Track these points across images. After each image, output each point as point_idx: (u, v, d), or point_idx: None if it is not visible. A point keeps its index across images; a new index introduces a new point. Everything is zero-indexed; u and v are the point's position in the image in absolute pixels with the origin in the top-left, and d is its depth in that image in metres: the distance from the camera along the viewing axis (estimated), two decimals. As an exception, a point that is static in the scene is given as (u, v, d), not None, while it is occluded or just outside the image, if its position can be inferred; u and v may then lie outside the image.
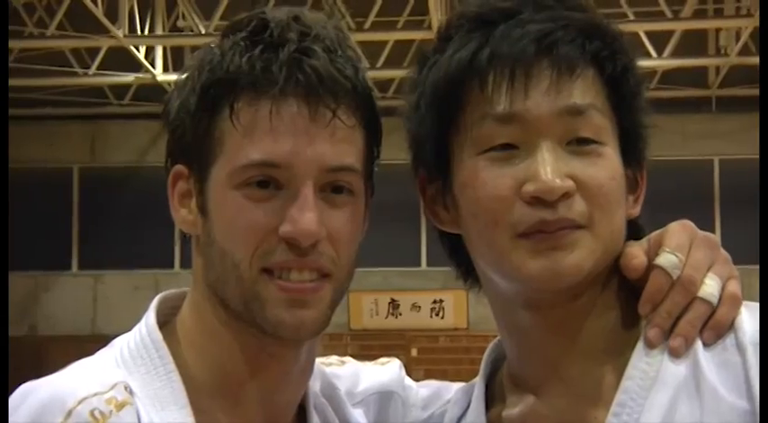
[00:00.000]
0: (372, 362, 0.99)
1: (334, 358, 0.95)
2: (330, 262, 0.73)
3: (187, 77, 0.76)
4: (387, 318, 9.91)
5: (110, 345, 0.79)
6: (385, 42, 9.13)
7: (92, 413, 0.66)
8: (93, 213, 10.70)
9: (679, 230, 0.73)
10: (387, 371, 0.96)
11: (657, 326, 0.69)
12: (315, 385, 0.86)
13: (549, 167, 0.66)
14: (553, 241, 0.68)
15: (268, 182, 0.72)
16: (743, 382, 0.65)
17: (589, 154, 0.69)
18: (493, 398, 0.82)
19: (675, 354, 0.69)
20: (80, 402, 0.67)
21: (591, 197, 0.69)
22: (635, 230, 0.76)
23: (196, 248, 0.78)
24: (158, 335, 0.76)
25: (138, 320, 0.80)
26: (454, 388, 0.90)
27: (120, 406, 0.69)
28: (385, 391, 0.92)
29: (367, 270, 8.57)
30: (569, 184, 0.67)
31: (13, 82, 7.15)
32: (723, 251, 0.74)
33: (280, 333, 0.73)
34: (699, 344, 0.69)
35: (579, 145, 0.69)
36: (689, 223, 0.75)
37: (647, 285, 0.70)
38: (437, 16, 7.20)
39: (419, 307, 9.90)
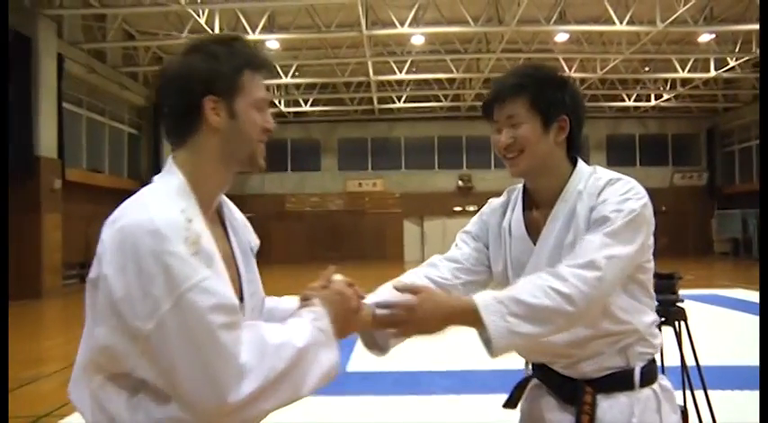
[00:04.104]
0: None
1: None
2: None
3: (203, 60, 1.29)
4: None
5: (162, 183, 1.29)
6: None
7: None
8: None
9: None
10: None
11: None
12: None
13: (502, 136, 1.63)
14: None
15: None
16: None
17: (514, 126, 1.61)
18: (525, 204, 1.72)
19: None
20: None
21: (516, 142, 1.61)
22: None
23: (210, 136, 1.31)
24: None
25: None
26: None
27: (190, 221, 1.18)
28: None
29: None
30: (508, 140, 1.61)
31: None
32: None
33: (257, 169, 1.38)
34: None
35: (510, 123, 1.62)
36: None
37: None
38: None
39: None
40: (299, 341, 1.20)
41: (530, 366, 1.75)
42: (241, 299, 1.34)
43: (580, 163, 1.66)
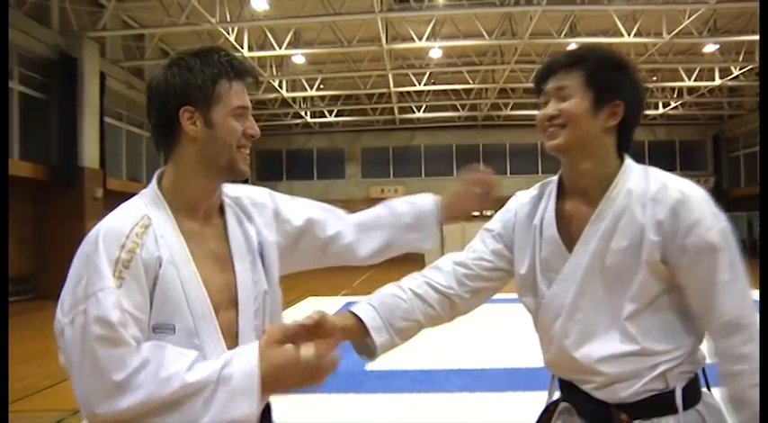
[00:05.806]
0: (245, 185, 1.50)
1: None
2: None
3: (178, 73, 1.28)
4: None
5: (139, 195, 1.31)
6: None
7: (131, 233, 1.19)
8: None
9: None
10: (260, 190, 1.54)
11: None
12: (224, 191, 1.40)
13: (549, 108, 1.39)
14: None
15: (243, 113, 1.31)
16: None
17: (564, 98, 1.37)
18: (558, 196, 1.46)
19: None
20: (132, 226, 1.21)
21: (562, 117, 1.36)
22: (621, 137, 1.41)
23: (189, 145, 1.29)
24: (158, 190, 1.30)
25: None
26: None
27: (145, 227, 1.22)
28: (259, 201, 1.50)
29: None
30: (553, 111, 1.37)
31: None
32: None
33: (238, 175, 1.32)
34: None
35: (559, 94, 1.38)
36: None
37: None
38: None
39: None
40: (192, 376, 1.11)
41: (555, 390, 1.51)
42: (235, 301, 1.33)
43: (628, 159, 1.44)
